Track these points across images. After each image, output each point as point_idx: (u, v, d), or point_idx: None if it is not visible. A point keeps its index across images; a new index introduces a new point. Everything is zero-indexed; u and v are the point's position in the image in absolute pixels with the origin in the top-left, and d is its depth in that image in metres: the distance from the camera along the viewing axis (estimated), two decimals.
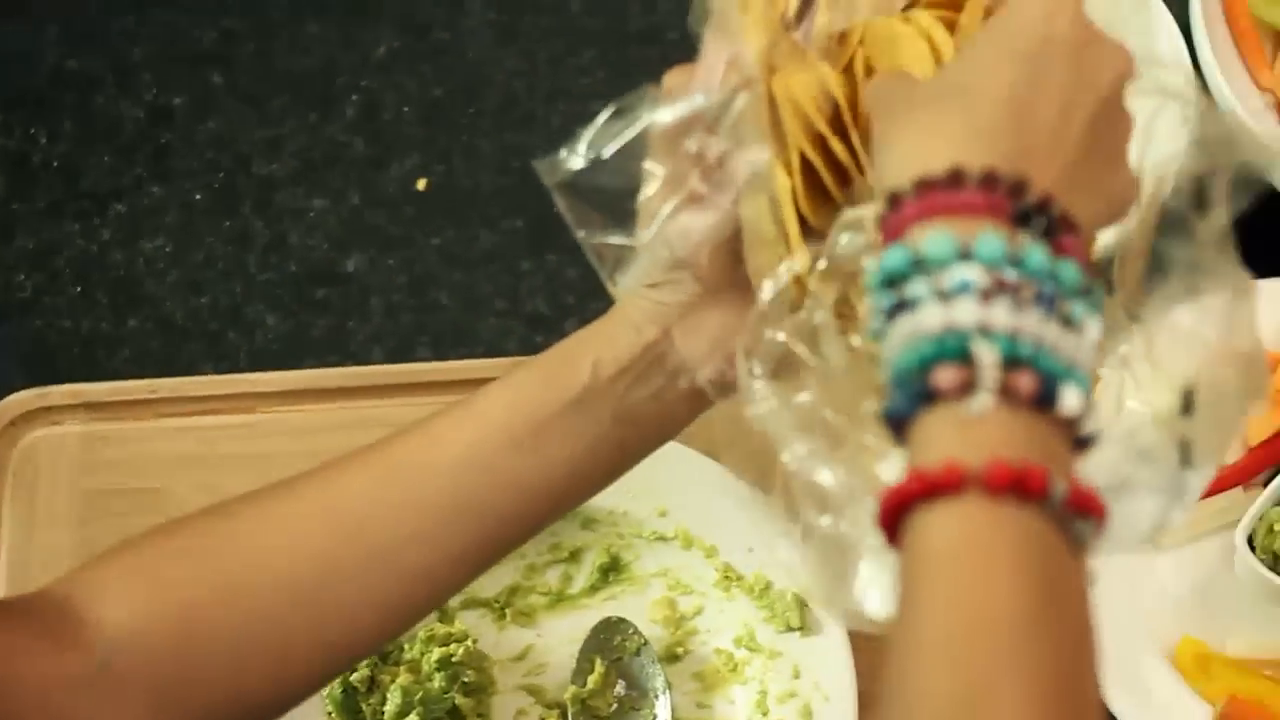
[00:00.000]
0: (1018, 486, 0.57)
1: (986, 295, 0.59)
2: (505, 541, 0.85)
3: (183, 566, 0.81)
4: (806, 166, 0.75)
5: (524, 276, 1.29)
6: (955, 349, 0.58)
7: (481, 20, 1.37)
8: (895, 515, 0.59)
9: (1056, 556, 0.58)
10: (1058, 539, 0.58)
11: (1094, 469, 0.62)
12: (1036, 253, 0.60)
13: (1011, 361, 0.58)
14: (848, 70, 0.77)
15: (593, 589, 1.17)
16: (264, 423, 1.22)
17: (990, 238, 0.60)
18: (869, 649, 1.10)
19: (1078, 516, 0.59)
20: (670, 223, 0.77)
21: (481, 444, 0.81)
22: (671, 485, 1.14)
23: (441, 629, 1.12)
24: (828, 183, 0.75)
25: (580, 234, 0.79)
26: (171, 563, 0.82)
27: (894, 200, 0.62)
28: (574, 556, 1.17)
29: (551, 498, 0.84)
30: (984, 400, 0.58)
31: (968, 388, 0.58)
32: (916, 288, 0.60)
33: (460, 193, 1.32)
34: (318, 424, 1.21)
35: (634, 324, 0.81)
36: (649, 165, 0.77)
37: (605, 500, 1.14)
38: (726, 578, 1.15)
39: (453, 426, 0.83)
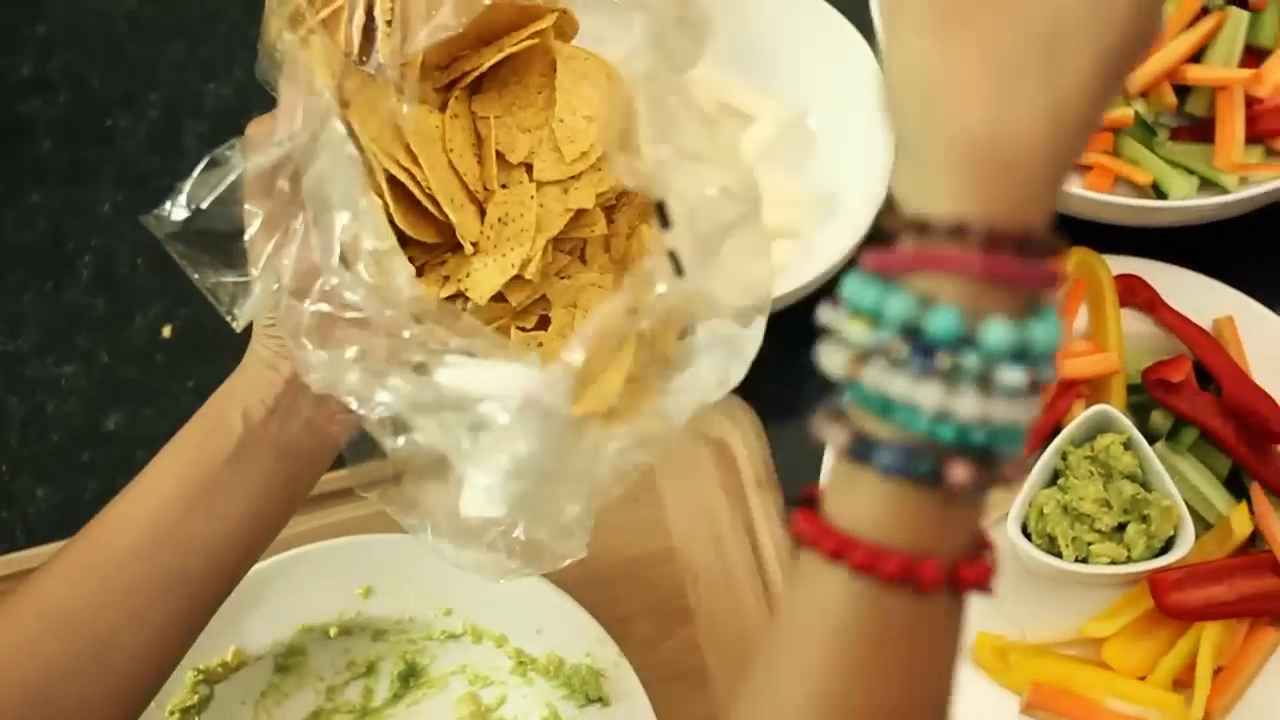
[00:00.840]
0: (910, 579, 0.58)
1: (985, 388, 0.56)
2: (210, 601, 0.87)
3: None
4: (398, 185, 0.80)
5: None
6: (953, 440, 0.56)
7: (197, 161, 1.36)
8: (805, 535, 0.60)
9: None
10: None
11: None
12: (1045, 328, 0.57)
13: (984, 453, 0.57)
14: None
15: (396, 698, 1.16)
16: None
17: (999, 328, 0.56)
18: (671, 713, 1.10)
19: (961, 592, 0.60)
20: (274, 257, 0.80)
21: (161, 516, 0.84)
22: (451, 583, 1.13)
23: None
24: (419, 197, 0.80)
25: (195, 277, 0.82)
26: None
27: (918, 227, 0.57)
28: (371, 670, 1.16)
29: (241, 548, 0.86)
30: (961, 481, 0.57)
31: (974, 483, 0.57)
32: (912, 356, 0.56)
33: (206, 331, 1.31)
34: None
35: (268, 363, 0.85)
36: (248, 207, 0.80)
37: (390, 609, 1.14)
38: (521, 663, 1.14)
39: (134, 504, 0.85)
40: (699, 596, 1.18)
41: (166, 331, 1.32)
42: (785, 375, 1.25)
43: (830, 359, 0.59)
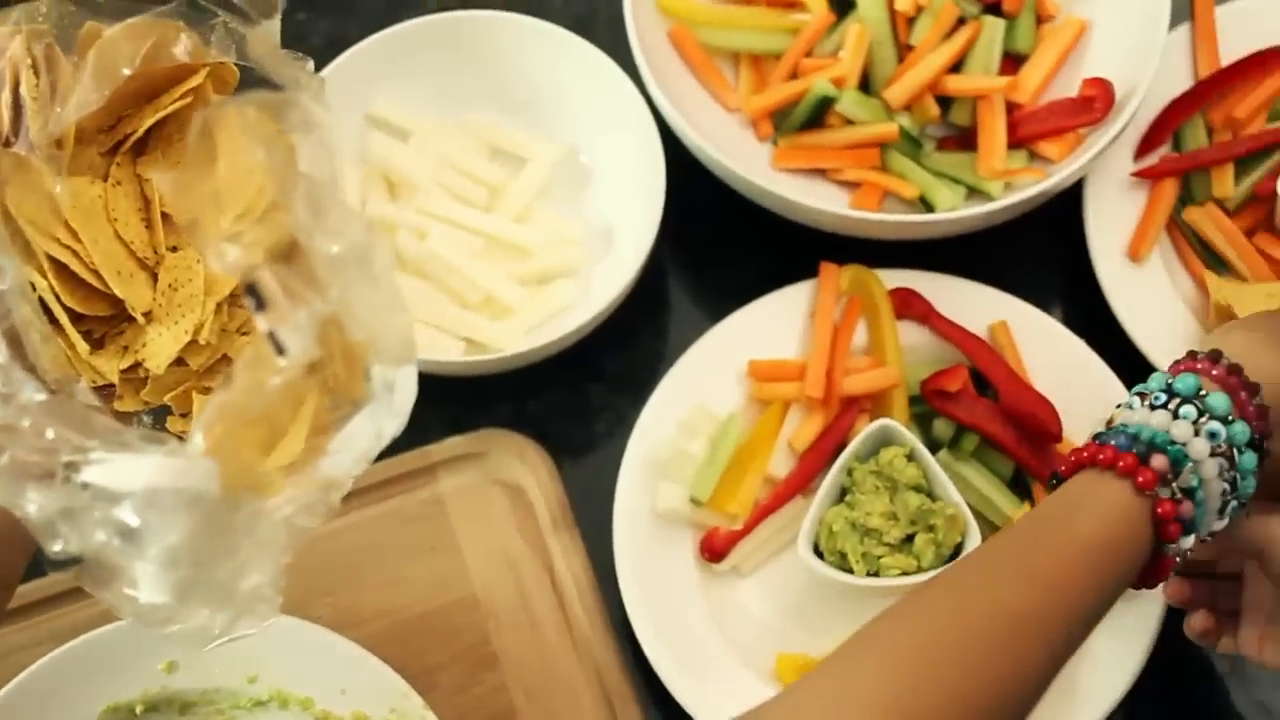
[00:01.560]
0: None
1: (1214, 452, 0.89)
2: None
3: None
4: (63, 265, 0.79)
5: None
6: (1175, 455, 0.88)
7: None
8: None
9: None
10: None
11: None
12: (1250, 457, 0.90)
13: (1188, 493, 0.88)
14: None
15: None
16: None
17: (1241, 427, 0.90)
18: None
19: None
20: None
21: None
22: (255, 651, 1.13)
23: None
24: (84, 274, 0.79)
25: None
26: None
27: (1191, 354, 0.93)
28: None
29: None
30: (1162, 492, 0.88)
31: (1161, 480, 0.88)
32: (1189, 409, 0.89)
33: None
34: None
35: None
36: None
37: (196, 681, 1.13)
38: None
39: None
40: (503, 640, 1.18)
41: None
42: (573, 413, 1.27)
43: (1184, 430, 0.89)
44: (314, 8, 1.42)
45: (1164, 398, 0.90)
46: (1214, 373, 0.91)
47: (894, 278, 1.25)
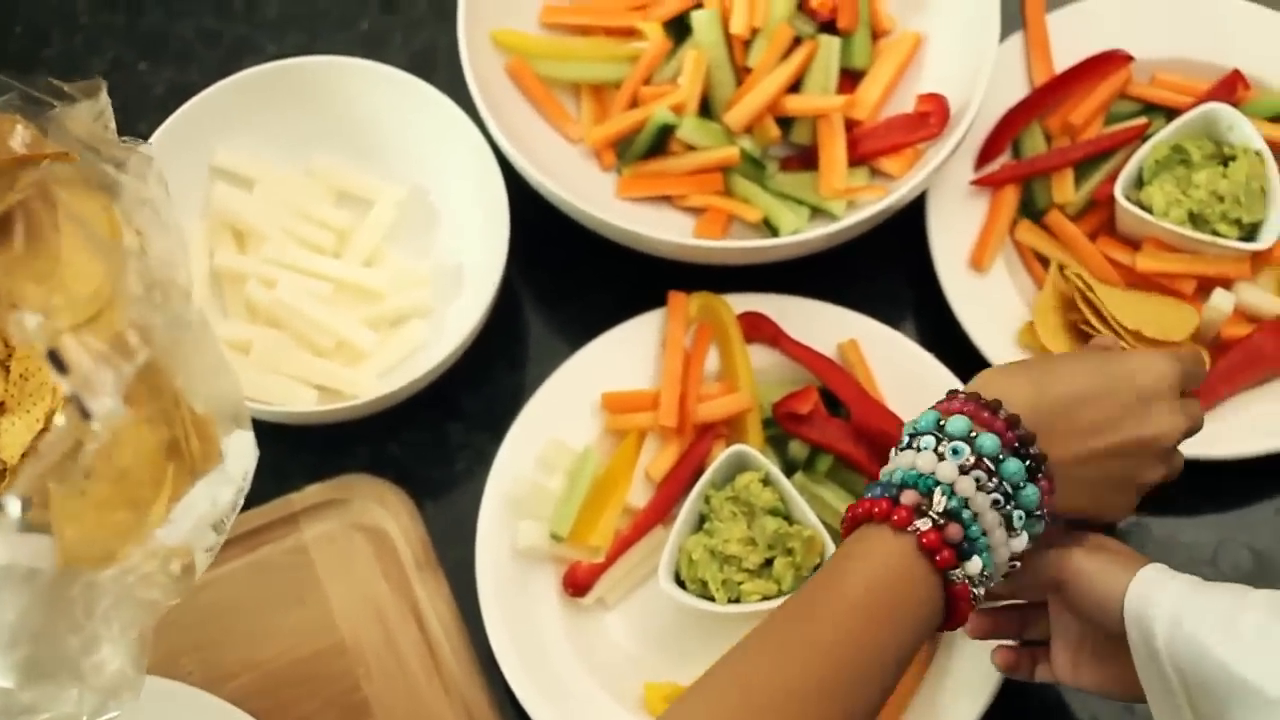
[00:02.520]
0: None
1: (963, 469, 0.88)
2: None
3: None
4: None
5: None
6: (925, 486, 0.89)
7: None
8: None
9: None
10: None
11: None
12: (1014, 464, 0.89)
13: (949, 514, 0.88)
14: None
15: None
16: None
17: (989, 438, 0.89)
18: None
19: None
20: None
21: None
22: (121, 713, 1.12)
23: None
24: None
25: None
26: None
27: (951, 394, 0.94)
28: None
29: None
30: (920, 524, 0.88)
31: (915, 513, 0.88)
32: (927, 440, 0.90)
33: None
34: None
35: None
36: None
37: None
38: None
39: None
40: (373, 686, 1.18)
41: None
42: (433, 453, 1.27)
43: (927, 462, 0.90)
44: (156, 58, 1.42)
45: (906, 439, 0.92)
46: (953, 405, 0.93)
47: (743, 301, 1.26)
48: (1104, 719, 1.17)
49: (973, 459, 0.89)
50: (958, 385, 1.18)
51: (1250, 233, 1.26)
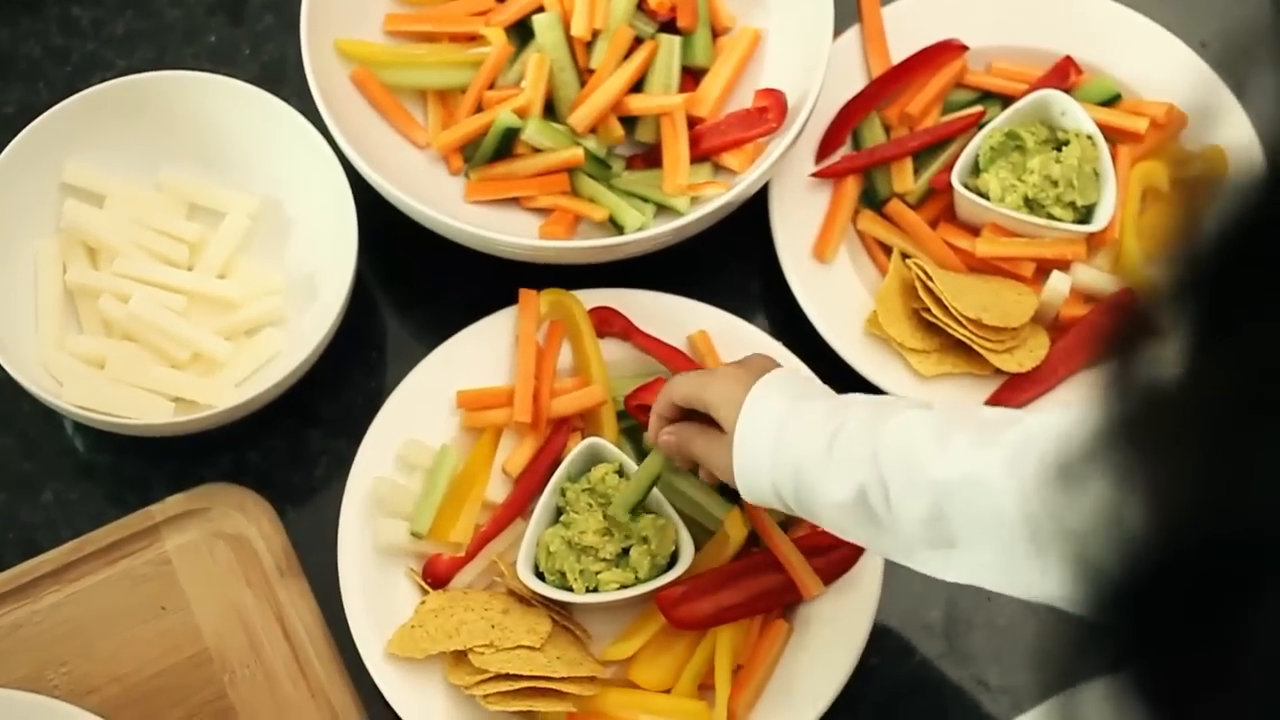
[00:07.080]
0: None
1: None
2: None
3: None
4: None
5: None
6: None
7: None
8: None
9: None
10: None
11: None
12: None
13: None
14: None
15: None
16: None
17: None
18: None
19: None
20: None
21: None
22: None
23: None
24: None
25: None
26: None
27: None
28: None
29: None
30: None
31: None
32: None
33: None
34: None
35: None
36: None
37: None
38: None
39: None
40: (239, 692, 1.19)
41: None
42: (293, 459, 1.28)
43: None
44: (4, 78, 1.42)
45: None
46: None
47: (594, 297, 1.28)
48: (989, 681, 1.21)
49: None
50: (807, 372, 1.22)
51: (1085, 215, 1.30)
